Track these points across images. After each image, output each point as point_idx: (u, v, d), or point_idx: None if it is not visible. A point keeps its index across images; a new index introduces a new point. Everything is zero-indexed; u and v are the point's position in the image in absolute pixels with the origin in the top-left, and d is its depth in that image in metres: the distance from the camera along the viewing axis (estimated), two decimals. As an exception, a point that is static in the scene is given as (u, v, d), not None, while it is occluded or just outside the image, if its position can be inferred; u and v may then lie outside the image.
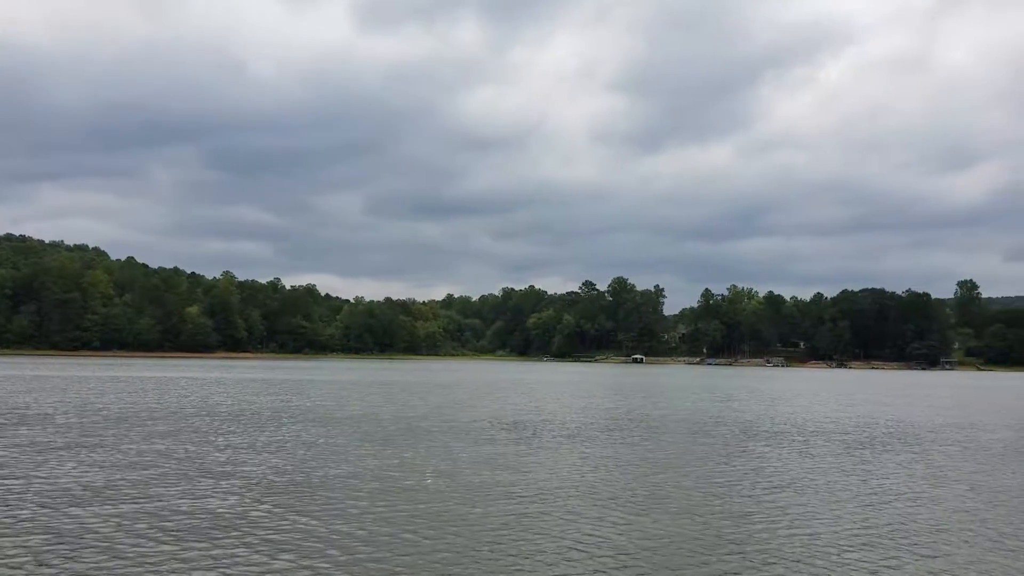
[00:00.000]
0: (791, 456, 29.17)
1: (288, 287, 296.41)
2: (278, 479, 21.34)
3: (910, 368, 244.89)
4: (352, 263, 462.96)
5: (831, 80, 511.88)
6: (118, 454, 25.09)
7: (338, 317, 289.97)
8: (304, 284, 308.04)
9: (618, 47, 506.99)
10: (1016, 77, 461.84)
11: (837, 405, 61.16)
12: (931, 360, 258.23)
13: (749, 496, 20.88)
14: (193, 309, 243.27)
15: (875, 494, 21.76)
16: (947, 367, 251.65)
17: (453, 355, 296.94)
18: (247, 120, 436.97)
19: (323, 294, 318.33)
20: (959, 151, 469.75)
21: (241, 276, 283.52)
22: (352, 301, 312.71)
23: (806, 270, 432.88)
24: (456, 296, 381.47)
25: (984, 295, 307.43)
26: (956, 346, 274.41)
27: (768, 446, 32.17)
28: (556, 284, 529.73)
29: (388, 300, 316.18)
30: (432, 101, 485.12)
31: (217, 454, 25.66)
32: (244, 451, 26.54)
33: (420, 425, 36.75)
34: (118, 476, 21.11)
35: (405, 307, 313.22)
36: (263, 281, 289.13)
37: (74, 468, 22.26)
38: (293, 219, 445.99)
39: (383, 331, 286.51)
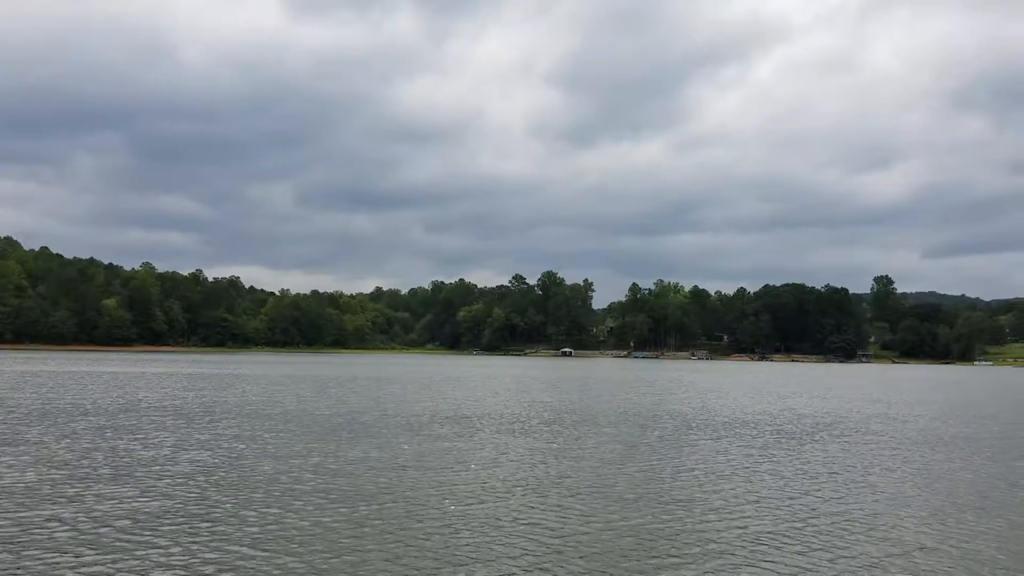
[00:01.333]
0: (731, 447, 29.50)
1: (212, 279, 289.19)
2: (213, 478, 20.52)
3: (828, 361, 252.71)
4: (281, 255, 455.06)
5: (761, 79, 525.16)
6: (42, 453, 23.84)
7: (263, 310, 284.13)
8: (229, 276, 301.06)
9: (556, 42, 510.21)
10: (937, 79, 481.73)
11: (771, 398, 62.45)
12: (848, 353, 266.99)
13: (694, 486, 21.00)
14: (111, 301, 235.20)
15: (812, 480, 22.16)
16: (863, 360, 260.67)
17: (382, 349, 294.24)
18: (175, 107, 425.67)
19: (248, 286, 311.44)
20: (881, 150, 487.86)
21: (166, 268, 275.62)
22: (278, 294, 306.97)
23: (732, 265, 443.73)
24: (385, 289, 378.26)
25: (900, 291, 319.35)
26: (872, 340, 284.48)
27: (709, 438, 32.51)
28: (488, 278, 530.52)
29: (315, 293, 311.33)
30: (367, 91, 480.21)
31: (147, 452, 24.60)
32: (177, 449, 25.51)
33: (362, 420, 36.04)
34: (42, 476, 20.02)
35: (333, 300, 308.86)
36: (186, 273, 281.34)
37: (-6, 469, 21.04)
38: (221, 209, 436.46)
39: (310, 324, 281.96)
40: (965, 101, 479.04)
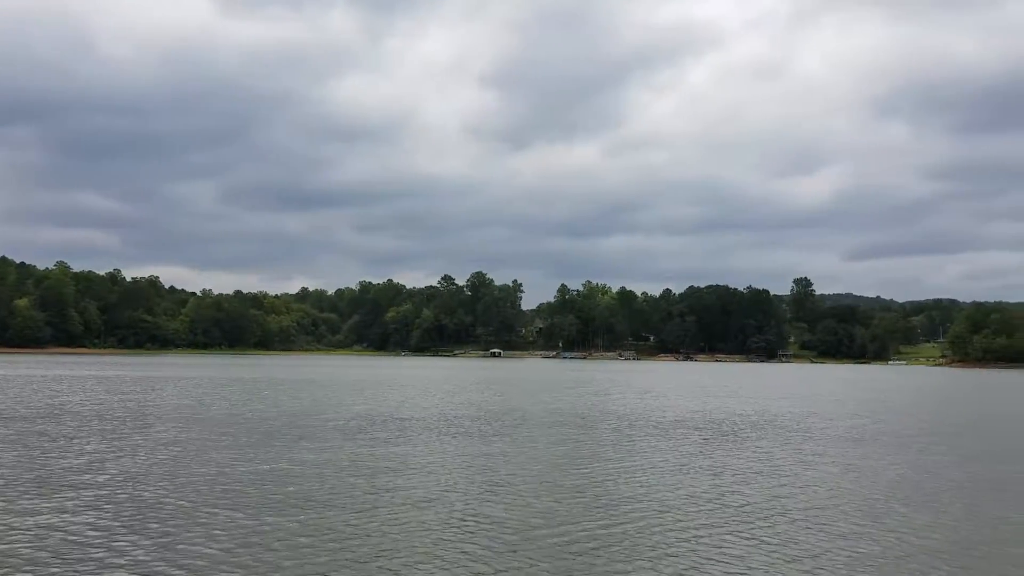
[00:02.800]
0: (671, 445, 29.92)
1: (131, 279, 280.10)
2: (147, 487, 19.84)
3: (750, 361, 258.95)
4: (204, 255, 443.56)
5: (695, 83, 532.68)
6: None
7: (184, 311, 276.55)
8: (148, 276, 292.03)
9: (493, 42, 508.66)
10: (862, 86, 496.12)
11: (705, 398, 63.57)
12: (769, 353, 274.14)
13: (636, 483, 21.22)
14: (23, 301, 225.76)
15: (752, 476, 22.64)
16: (783, 359, 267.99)
17: (307, 350, 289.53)
18: (97, 102, 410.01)
19: (168, 286, 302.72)
20: (807, 156, 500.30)
21: (83, 267, 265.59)
22: (199, 294, 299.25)
23: (662, 267, 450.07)
24: (311, 290, 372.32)
25: (819, 292, 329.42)
26: (792, 340, 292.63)
27: (653, 436, 32.89)
28: (419, 279, 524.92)
29: (238, 293, 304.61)
30: (299, 88, 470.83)
31: (74, 460, 23.64)
32: (106, 457, 24.57)
33: (301, 424, 35.35)
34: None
35: (256, 300, 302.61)
36: (103, 272, 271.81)
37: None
38: (142, 208, 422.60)
39: (232, 325, 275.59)
40: (888, 108, 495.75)
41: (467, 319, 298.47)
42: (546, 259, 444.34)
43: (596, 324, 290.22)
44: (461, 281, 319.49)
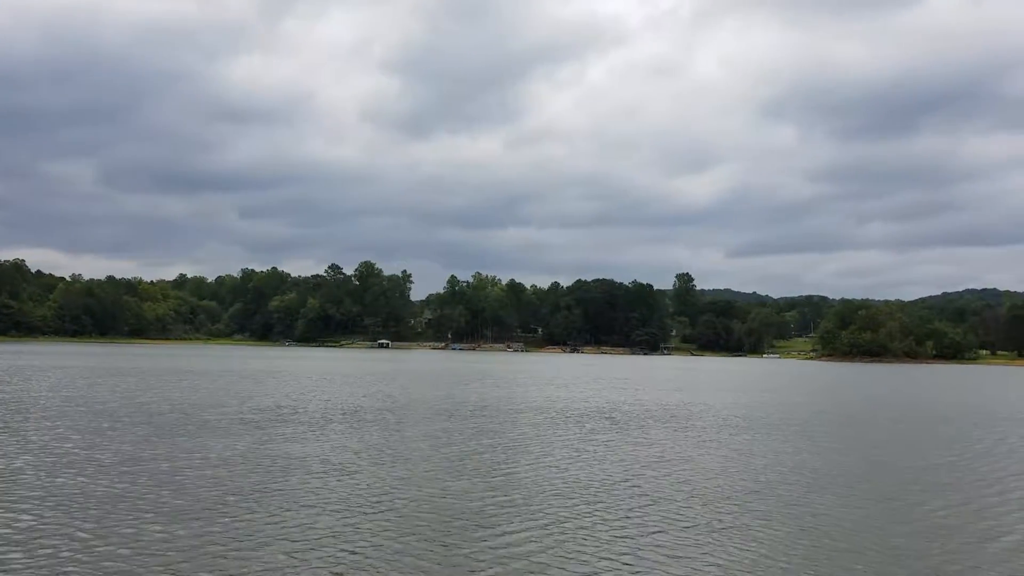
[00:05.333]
0: (578, 434, 30.00)
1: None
2: (32, 486, 18.34)
3: (634, 353, 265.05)
4: (79, 238, 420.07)
5: (596, 79, 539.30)
6: None
7: (52, 296, 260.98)
8: (13, 259, 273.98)
9: (397, 28, 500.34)
10: (754, 89, 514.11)
11: (604, 389, 64.44)
12: (652, 346, 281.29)
13: (541, 470, 21.18)
14: None
15: (653, 462, 23.00)
16: (665, 352, 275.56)
17: (185, 339, 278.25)
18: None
19: (35, 270, 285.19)
20: (699, 154, 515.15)
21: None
22: (69, 279, 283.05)
23: (553, 260, 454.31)
24: (190, 276, 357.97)
25: (701, 288, 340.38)
26: (674, 333, 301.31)
27: (556, 426, 32.92)
28: (308, 267, 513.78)
29: (111, 279, 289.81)
30: (189, 66, 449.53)
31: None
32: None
33: (201, 417, 33.70)
34: None
35: (131, 287, 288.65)
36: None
37: None
38: (9, 186, 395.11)
39: (104, 313, 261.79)
40: (776, 111, 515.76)
41: (354, 309, 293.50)
42: (438, 250, 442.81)
43: (485, 316, 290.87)
44: (349, 271, 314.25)
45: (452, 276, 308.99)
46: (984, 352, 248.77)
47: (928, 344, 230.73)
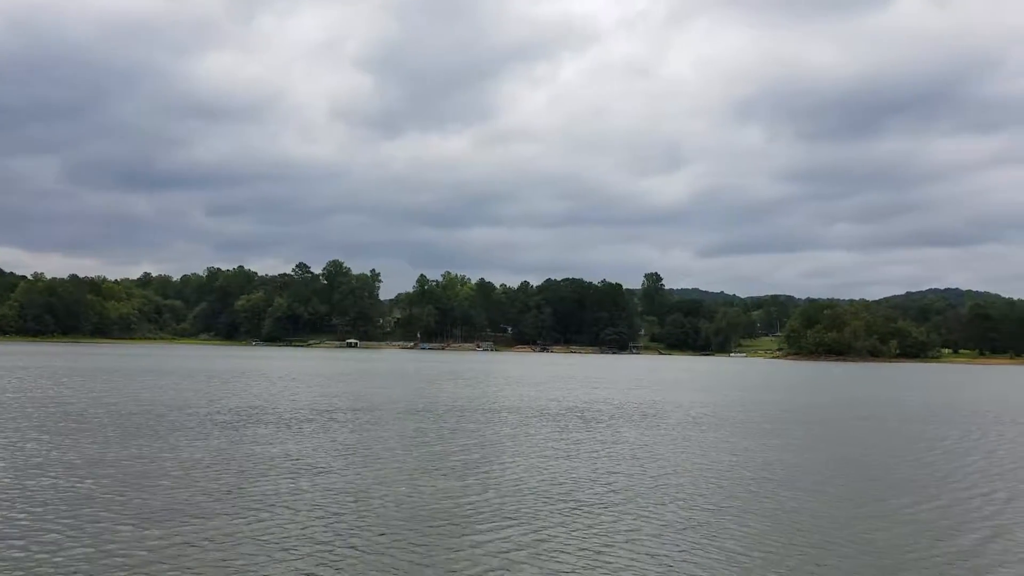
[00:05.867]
0: (557, 431, 30.07)
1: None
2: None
3: (603, 352, 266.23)
4: (41, 236, 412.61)
5: (568, 78, 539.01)
6: None
7: (13, 295, 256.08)
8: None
9: (370, 25, 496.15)
10: (725, 90, 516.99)
11: (578, 388, 64.61)
12: (621, 345, 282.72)
13: (522, 466, 21.21)
14: None
15: (620, 459, 23.14)
16: (634, 351, 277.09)
17: (149, 339, 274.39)
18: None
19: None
20: (670, 155, 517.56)
21: None
22: (31, 277, 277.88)
23: (523, 259, 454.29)
24: (155, 275, 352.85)
25: (670, 287, 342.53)
26: (642, 332, 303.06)
27: (533, 424, 32.95)
28: (276, 266, 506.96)
29: (74, 277, 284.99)
30: (158, 62, 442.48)
31: None
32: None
33: (169, 418, 33.27)
34: None
35: (94, 285, 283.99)
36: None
37: None
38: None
39: (66, 312, 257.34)
40: (746, 112, 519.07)
41: (322, 309, 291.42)
42: (408, 249, 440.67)
43: (455, 315, 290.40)
44: (317, 269, 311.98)
45: (421, 275, 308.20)
46: (946, 351, 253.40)
47: (892, 343, 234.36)
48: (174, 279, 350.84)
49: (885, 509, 18.43)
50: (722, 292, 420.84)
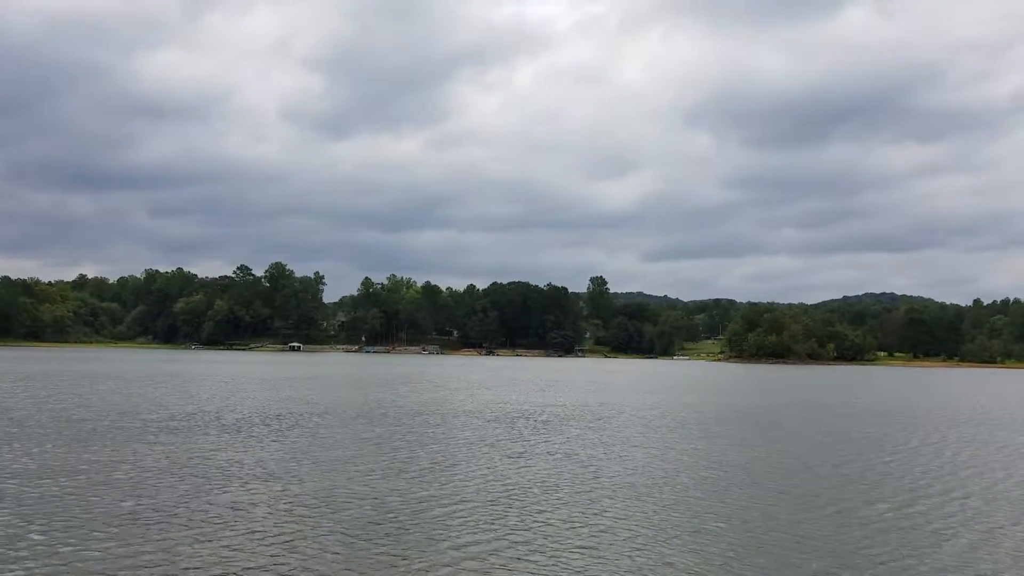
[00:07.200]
0: (515, 434, 30.31)
1: None
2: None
3: (549, 355, 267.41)
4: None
5: (522, 82, 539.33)
6: None
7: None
8: None
9: (322, 25, 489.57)
10: (676, 96, 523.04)
11: (528, 391, 64.88)
12: (566, 348, 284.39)
13: (487, 468, 21.42)
14: None
15: (574, 461, 23.54)
16: (579, 354, 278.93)
17: (85, 342, 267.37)
18: None
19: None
20: (620, 160, 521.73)
21: None
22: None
23: (472, 262, 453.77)
24: (91, 277, 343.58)
25: (615, 291, 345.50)
26: (588, 335, 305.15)
27: (493, 426, 33.11)
28: (218, 268, 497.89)
29: (6, 279, 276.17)
30: (103, 60, 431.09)
31: None
32: None
33: (106, 423, 32.60)
34: None
35: (27, 288, 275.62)
36: None
37: None
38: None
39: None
40: (695, 119, 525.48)
41: (264, 312, 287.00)
42: (355, 252, 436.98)
43: (400, 318, 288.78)
44: (262, 272, 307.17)
45: (366, 278, 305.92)
46: (882, 353, 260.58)
47: (830, 346, 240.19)
48: (111, 281, 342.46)
49: (828, 504, 19.10)
50: (666, 296, 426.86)
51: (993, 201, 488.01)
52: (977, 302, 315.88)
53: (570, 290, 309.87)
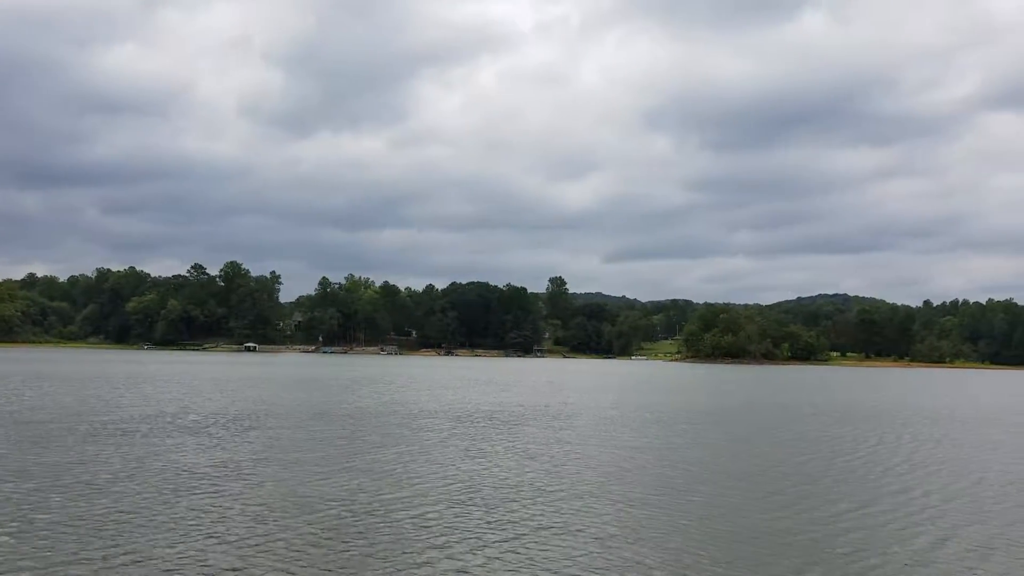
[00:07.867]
0: (477, 434, 30.17)
1: None
2: None
3: (508, 355, 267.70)
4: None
5: (483, 82, 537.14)
6: None
7: None
8: None
9: (282, 20, 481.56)
10: (636, 98, 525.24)
11: (493, 391, 64.73)
12: (526, 348, 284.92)
13: (443, 467, 21.32)
14: None
15: (536, 460, 23.54)
16: (539, 354, 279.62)
17: (33, 342, 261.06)
18: None
19: None
20: (580, 161, 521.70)
21: None
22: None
23: (431, 262, 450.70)
24: (40, 276, 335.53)
25: (574, 291, 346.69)
26: (547, 336, 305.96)
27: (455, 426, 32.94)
28: (173, 267, 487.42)
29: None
30: (54, 54, 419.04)
31: None
32: None
33: (78, 425, 31.77)
34: None
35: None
36: None
37: None
38: None
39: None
40: (655, 121, 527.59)
41: (219, 311, 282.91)
42: (313, 251, 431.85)
43: (358, 318, 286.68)
44: (216, 271, 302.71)
45: (324, 278, 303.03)
46: (835, 354, 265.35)
47: (784, 346, 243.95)
48: (61, 280, 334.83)
49: (793, 502, 19.34)
50: (624, 296, 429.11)
51: (944, 204, 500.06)
52: (927, 303, 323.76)
53: (529, 290, 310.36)
